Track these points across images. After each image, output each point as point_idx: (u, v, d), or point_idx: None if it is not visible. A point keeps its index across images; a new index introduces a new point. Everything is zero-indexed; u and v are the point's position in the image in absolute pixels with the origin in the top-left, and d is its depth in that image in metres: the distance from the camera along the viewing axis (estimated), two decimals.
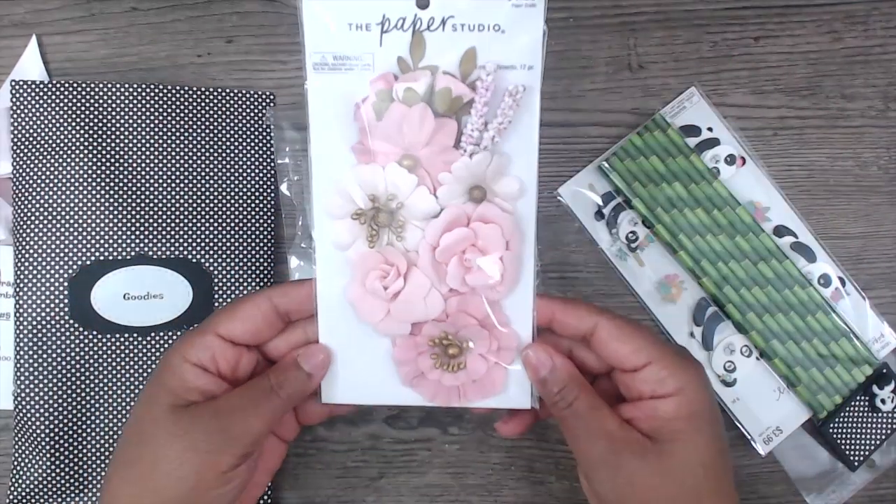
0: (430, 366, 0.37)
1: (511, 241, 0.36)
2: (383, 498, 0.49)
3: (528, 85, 0.34)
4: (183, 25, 0.50)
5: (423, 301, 0.36)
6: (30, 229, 0.46)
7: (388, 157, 0.35)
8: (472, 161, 0.34)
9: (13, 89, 0.47)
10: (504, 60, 0.34)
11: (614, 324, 0.35)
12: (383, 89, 0.34)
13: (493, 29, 0.34)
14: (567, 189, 0.50)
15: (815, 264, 0.50)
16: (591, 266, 0.50)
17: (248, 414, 0.34)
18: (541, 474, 0.49)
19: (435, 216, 0.35)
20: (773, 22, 0.51)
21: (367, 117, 0.34)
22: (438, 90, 0.34)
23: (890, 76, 0.51)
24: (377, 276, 0.36)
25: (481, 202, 0.35)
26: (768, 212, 0.50)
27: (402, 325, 0.36)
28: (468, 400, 0.37)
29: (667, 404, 0.34)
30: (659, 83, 0.51)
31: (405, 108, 0.34)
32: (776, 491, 0.50)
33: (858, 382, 0.48)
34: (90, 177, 0.47)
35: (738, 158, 0.50)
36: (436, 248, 0.36)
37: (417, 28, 0.34)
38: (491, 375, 0.37)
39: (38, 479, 0.46)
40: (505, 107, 0.34)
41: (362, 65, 0.34)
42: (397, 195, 0.35)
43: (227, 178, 0.49)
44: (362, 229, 0.36)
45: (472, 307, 0.36)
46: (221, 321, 0.35)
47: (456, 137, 0.35)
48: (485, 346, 0.37)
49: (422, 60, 0.34)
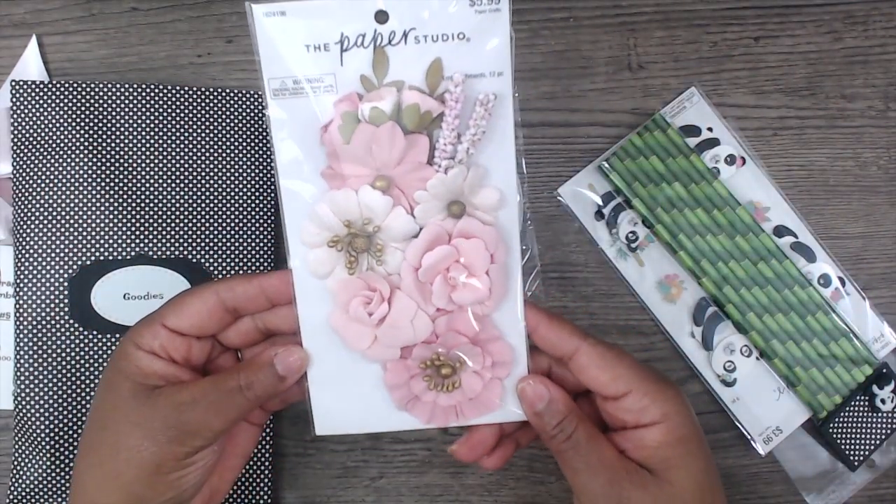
0: (424, 388, 0.36)
1: (496, 253, 0.35)
2: (383, 498, 0.49)
3: (499, 92, 0.33)
4: (183, 25, 0.50)
5: (411, 324, 0.35)
6: (30, 229, 0.46)
7: (360, 180, 0.33)
8: (448, 176, 0.33)
9: (13, 89, 0.47)
10: (472, 69, 0.32)
11: (595, 350, 0.34)
12: (348, 111, 0.33)
13: (457, 38, 0.32)
14: (567, 189, 0.50)
15: (815, 264, 0.50)
16: (591, 266, 0.50)
17: (210, 411, 0.33)
18: (541, 474, 0.49)
19: (414, 236, 0.34)
20: (772, 22, 0.51)
21: (334, 141, 0.33)
22: (406, 107, 0.33)
23: (890, 76, 0.51)
24: (360, 303, 0.34)
25: (461, 217, 0.34)
26: (768, 212, 0.50)
27: (391, 349, 0.35)
28: (466, 418, 0.36)
29: (653, 433, 0.33)
30: (659, 83, 0.51)
31: (373, 128, 0.33)
32: (776, 491, 0.50)
33: (858, 382, 0.48)
34: (90, 177, 0.47)
35: (738, 158, 0.50)
36: (418, 269, 0.34)
37: (378, 44, 0.32)
38: (487, 392, 0.36)
39: (38, 479, 0.46)
40: (477, 117, 0.33)
41: (324, 87, 0.33)
42: (373, 218, 0.34)
43: (226, 178, 0.49)
44: (340, 256, 0.34)
45: (462, 325, 0.35)
46: (168, 314, 0.35)
47: (429, 153, 0.33)
48: (479, 362, 0.35)
49: (386, 77, 0.33)
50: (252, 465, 0.47)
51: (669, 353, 0.50)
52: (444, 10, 0.32)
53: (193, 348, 0.36)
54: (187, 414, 0.33)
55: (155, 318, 0.35)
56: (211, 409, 0.33)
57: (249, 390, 0.34)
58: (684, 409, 0.34)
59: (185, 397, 0.33)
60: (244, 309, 0.36)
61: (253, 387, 0.34)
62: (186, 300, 0.35)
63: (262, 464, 0.47)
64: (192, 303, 0.35)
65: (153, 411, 0.33)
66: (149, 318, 0.35)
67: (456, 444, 0.37)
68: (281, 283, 0.35)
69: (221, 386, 0.34)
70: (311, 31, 0.32)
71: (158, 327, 0.35)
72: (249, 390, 0.34)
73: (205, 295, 0.35)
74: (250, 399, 0.34)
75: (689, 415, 0.34)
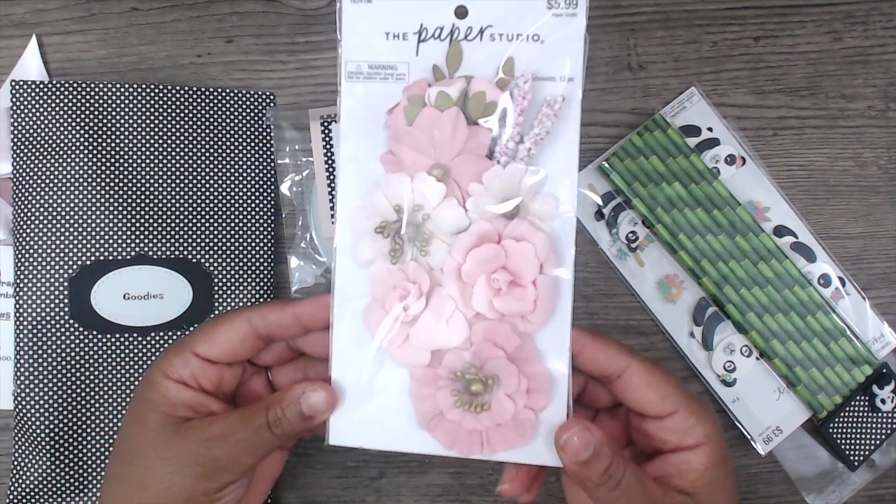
0: (451, 404, 0.33)
1: (545, 263, 0.33)
2: (383, 498, 0.49)
3: (568, 96, 0.32)
4: (183, 25, 0.50)
5: (446, 325, 0.33)
6: (30, 229, 0.46)
7: (417, 167, 0.33)
8: (506, 170, 0.32)
9: (13, 89, 0.47)
10: (543, 72, 0.32)
11: (645, 368, 0.33)
12: (416, 94, 0.33)
13: (531, 39, 0.32)
14: None
15: (815, 264, 0.50)
16: (591, 266, 0.50)
17: (239, 447, 0.33)
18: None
19: (463, 230, 0.33)
20: (772, 22, 0.51)
21: (398, 122, 0.33)
22: (472, 95, 0.32)
23: (890, 76, 0.51)
24: (397, 296, 0.33)
25: (514, 219, 0.32)
26: (768, 212, 0.50)
27: (422, 352, 0.33)
28: (492, 450, 0.33)
29: (698, 455, 0.32)
30: (659, 83, 0.51)
31: (437, 112, 0.32)
32: (776, 491, 0.50)
33: (858, 382, 0.48)
34: (90, 177, 0.47)
35: (738, 158, 0.50)
36: (462, 266, 0.33)
37: (455, 37, 0.33)
38: (518, 421, 0.33)
39: (38, 479, 0.46)
40: (542, 117, 0.32)
41: (397, 74, 0.33)
42: (424, 206, 0.33)
43: (226, 178, 0.49)
44: (385, 243, 0.33)
45: (500, 337, 0.33)
46: (199, 342, 0.34)
47: (490, 147, 0.32)
48: (513, 384, 0.33)
49: (458, 70, 0.33)
50: None
51: (669, 353, 0.50)
52: (522, 10, 0.32)
53: (225, 376, 0.35)
54: (216, 450, 0.32)
55: (185, 346, 0.34)
56: (240, 445, 0.33)
57: (277, 427, 0.33)
58: (720, 429, 0.33)
59: (214, 432, 0.33)
60: (277, 336, 0.35)
61: (280, 424, 0.33)
62: (217, 328, 0.34)
63: None
64: (223, 331, 0.34)
65: (182, 445, 0.33)
66: (178, 347, 0.34)
67: (506, 482, 0.35)
68: (316, 310, 0.34)
69: (250, 423, 0.33)
70: (393, 20, 0.33)
71: (189, 355, 0.34)
72: (277, 427, 0.33)
73: (236, 323, 0.34)
74: (278, 436, 0.33)
75: (723, 434, 0.34)
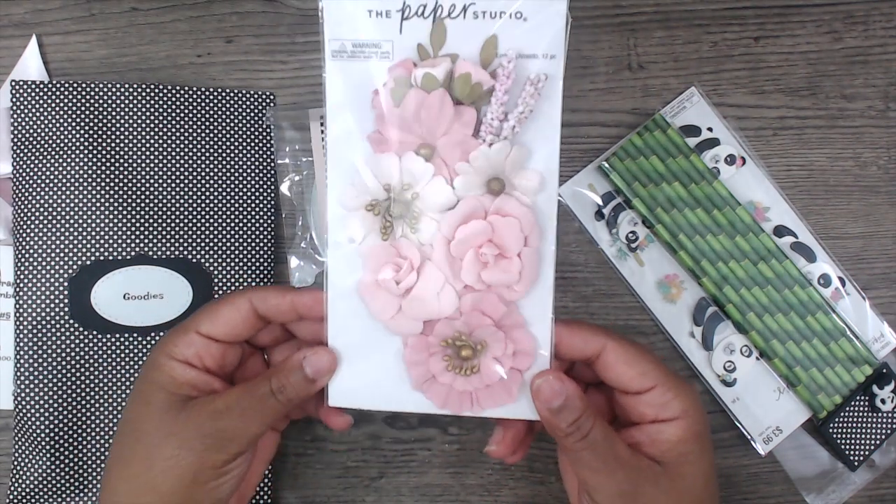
0: (443, 368, 0.35)
1: (530, 236, 0.34)
2: (383, 498, 0.49)
3: (551, 74, 0.33)
4: (183, 25, 0.50)
5: (437, 297, 0.35)
6: (30, 229, 0.46)
7: (405, 146, 0.34)
8: (491, 150, 0.33)
9: (13, 89, 0.47)
10: (526, 49, 0.33)
11: (621, 347, 0.34)
12: (402, 75, 0.33)
13: (514, 17, 0.33)
14: (567, 189, 0.50)
15: (815, 264, 0.50)
16: (591, 266, 0.50)
17: (245, 417, 0.34)
18: (541, 474, 0.49)
19: (451, 208, 0.34)
20: (772, 22, 0.51)
21: (385, 104, 0.33)
22: (458, 76, 0.33)
23: (890, 76, 0.51)
24: (390, 270, 0.34)
25: (499, 195, 0.34)
26: (768, 212, 0.50)
27: (415, 322, 0.35)
28: (481, 408, 0.35)
29: (672, 428, 0.34)
30: (659, 83, 0.51)
31: (424, 93, 0.33)
32: (776, 491, 0.50)
33: (858, 382, 0.48)
34: (90, 177, 0.47)
35: (738, 158, 0.50)
36: (451, 242, 0.34)
37: (438, 15, 0.33)
38: (505, 381, 0.35)
39: (38, 479, 0.46)
40: (526, 95, 0.33)
41: (381, 52, 0.33)
42: (413, 185, 0.34)
43: (226, 177, 0.49)
44: (376, 220, 0.34)
45: (488, 306, 0.35)
46: (203, 321, 0.35)
47: (475, 126, 0.33)
48: (500, 348, 0.35)
49: (442, 48, 0.33)
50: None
51: (669, 353, 0.50)
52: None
53: (227, 355, 0.36)
54: (223, 421, 0.33)
55: (188, 327, 0.35)
56: (246, 414, 0.34)
57: (282, 394, 0.34)
58: (700, 405, 0.35)
59: (220, 405, 0.34)
60: (274, 319, 0.36)
61: (285, 390, 0.34)
62: (220, 308, 0.36)
63: None
64: (226, 310, 0.36)
65: (188, 421, 0.34)
66: (181, 328, 0.36)
67: (493, 444, 0.37)
68: (313, 302, 0.35)
69: (255, 392, 0.34)
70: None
71: (193, 335, 0.35)
72: (282, 394, 0.34)
73: (238, 302, 0.36)
74: (283, 402, 0.34)
75: (703, 411, 0.35)
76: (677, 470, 0.34)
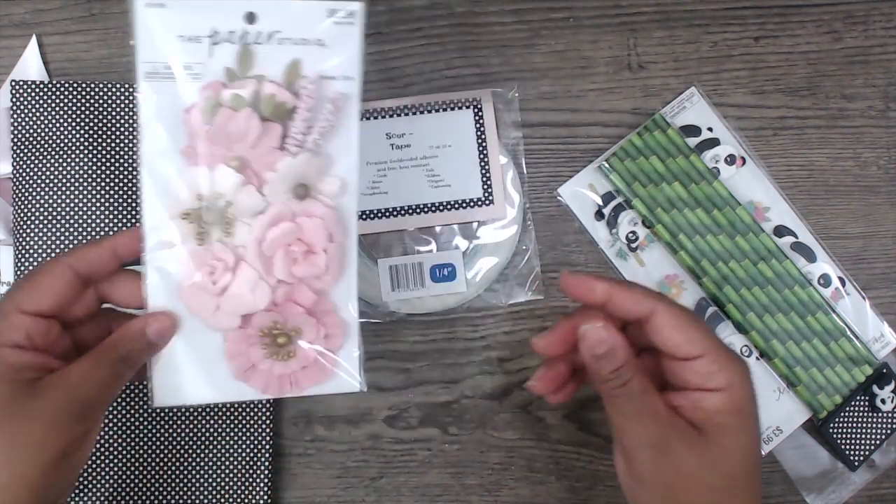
0: (262, 356, 0.38)
1: (334, 233, 0.38)
2: (383, 498, 0.49)
3: (348, 93, 0.37)
4: None
5: (252, 293, 0.37)
6: (29, 229, 0.46)
7: (216, 159, 0.36)
8: (296, 160, 0.37)
9: (13, 89, 0.47)
10: (326, 71, 0.37)
11: (671, 311, 0.35)
12: (211, 95, 0.36)
13: (316, 43, 0.36)
14: (567, 189, 0.50)
15: (815, 264, 0.50)
16: (591, 266, 0.50)
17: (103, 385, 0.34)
18: (541, 474, 0.49)
19: (262, 212, 0.37)
20: (772, 22, 0.51)
21: (196, 122, 0.36)
22: (264, 96, 0.36)
23: (890, 76, 0.51)
24: (206, 272, 0.37)
25: (305, 199, 0.37)
26: (768, 212, 0.50)
27: (232, 317, 0.38)
28: (300, 388, 0.39)
29: (714, 398, 0.34)
30: (659, 83, 0.51)
31: (232, 112, 0.36)
32: (776, 491, 0.50)
33: (858, 382, 0.48)
34: (90, 176, 0.47)
35: (738, 158, 0.50)
36: (262, 243, 0.37)
37: (246, 41, 0.36)
38: (320, 362, 0.39)
39: None
40: (326, 112, 0.37)
41: (192, 74, 0.36)
42: (224, 194, 0.37)
43: None
44: (191, 228, 0.37)
45: (300, 296, 0.38)
46: (25, 297, 0.34)
47: (280, 140, 0.36)
48: (312, 333, 0.38)
49: (250, 71, 0.36)
50: (252, 464, 0.47)
51: None
52: (306, 19, 0.36)
53: (52, 330, 0.35)
54: (83, 392, 0.34)
55: (8, 308, 0.34)
56: (104, 382, 0.34)
57: (130, 360, 0.35)
58: (748, 383, 0.35)
59: (75, 378, 0.34)
60: (97, 275, 0.36)
61: (131, 357, 0.35)
62: (40, 280, 0.35)
63: (261, 464, 0.47)
64: (46, 281, 0.35)
65: (47, 401, 0.33)
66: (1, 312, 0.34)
67: (534, 380, 0.38)
68: (131, 241, 0.36)
69: (106, 360, 0.35)
70: (186, 24, 0.36)
71: (16, 316, 0.34)
72: (130, 360, 0.35)
73: (57, 269, 0.35)
74: (133, 367, 0.35)
75: (751, 390, 0.35)
76: (714, 439, 0.34)
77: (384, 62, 0.51)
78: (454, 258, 0.49)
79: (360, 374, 0.39)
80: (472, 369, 0.49)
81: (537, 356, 0.49)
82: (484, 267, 0.49)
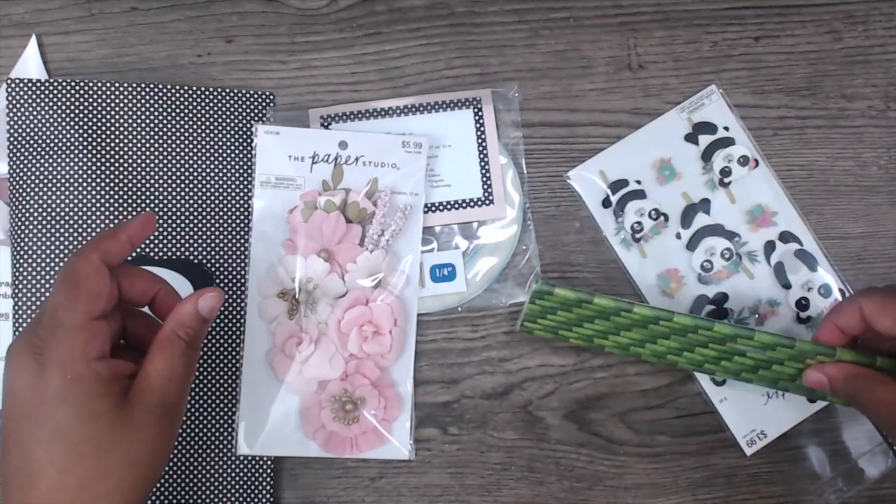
0: (331, 419, 0.46)
1: (398, 318, 0.47)
2: (383, 498, 0.49)
3: (414, 205, 0.48)
4: (183, 25, 0.50)
5: (329, 363, 0.47)
6: (27, 229, 0.46)
7: (309, 250, 0.47)
8: (372, 255, 0.47)
9: (9, 87, 0.47)
10: (398, 188, 0.48)
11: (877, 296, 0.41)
12: (310, 200, 0.47)
13: (391, 166, 0.48)
14: (577, 173, 0.50)
15: (816, 273, 0.49)
16: (592, 266, 0.50)
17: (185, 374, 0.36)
18: (541, 474, 0.49)
19: (342, 296, 0.47)
20: (773, 22, 0.51)
21: (296, 220, 0.47)
22: (350, 203, 0.47)
23: (890, 76, 0.51)
24: (294, 343, 0.46)
25: (377, 287, 0.47)
26: (775, 216, 0.50)
27: (311, 382, 0.47)
28: (359, 451, 0.47)
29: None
30: (659, 83, 0.51)
31: (325, 214, 0.47)
32: (776, 491, 0.50)
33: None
34: (88, 176, 0.47)
35: (752, 160, 0.50)
36: (341, 321, 0.47)
37: (338, 161, 0.47)
38: (378, 430, 0.47)
39: None
40: (397, 218, 0.47)
41: (296, 184, 0.47)
42: (314, 278, 0.47)
43: (226, 177, 0.49)
44: (285, 305, 0.47)
45: (367, 370, 0.47)
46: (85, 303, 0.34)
47: (361, 239, 0.47)
48: (374, 403, 0.47)
49: (340, 184, 0.48)
50: (252, 464, 0.47)
51: None
52: (384, 147, 0.48)
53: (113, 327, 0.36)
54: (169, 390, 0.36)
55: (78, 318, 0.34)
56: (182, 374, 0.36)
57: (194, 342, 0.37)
58: None
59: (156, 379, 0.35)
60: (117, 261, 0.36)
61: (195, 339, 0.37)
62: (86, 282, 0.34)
63: (262, 464, 0.47)
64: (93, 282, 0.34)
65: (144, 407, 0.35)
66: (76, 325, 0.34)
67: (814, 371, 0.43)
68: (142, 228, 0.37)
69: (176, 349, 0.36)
70: (294, 147, 0.47)
71: (95, 323, 0.34)
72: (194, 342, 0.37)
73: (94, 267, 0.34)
74: (198, 349, 0.38)
75: None
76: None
77: (384, 62, 0.51)
78: (454, 258, 0.49)
79: (411, 444, 0.47)
80: (472, 369, 0.49)
81: (537, 356, 0.49)
82: (484, 267, 0.49)
